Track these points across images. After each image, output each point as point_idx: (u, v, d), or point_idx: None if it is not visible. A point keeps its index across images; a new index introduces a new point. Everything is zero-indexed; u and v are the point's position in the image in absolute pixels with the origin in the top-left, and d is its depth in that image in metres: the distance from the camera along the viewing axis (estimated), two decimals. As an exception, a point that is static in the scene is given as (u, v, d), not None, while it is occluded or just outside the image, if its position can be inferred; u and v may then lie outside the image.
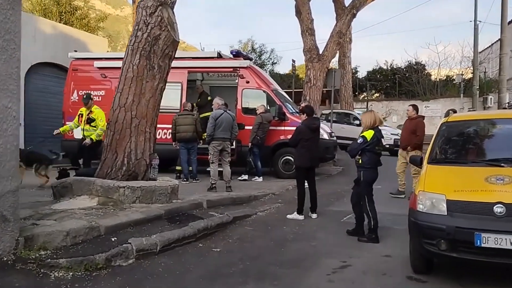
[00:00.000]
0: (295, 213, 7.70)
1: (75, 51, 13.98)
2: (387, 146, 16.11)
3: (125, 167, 6.85)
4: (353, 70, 30.67)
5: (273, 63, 32.36)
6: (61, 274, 4.45)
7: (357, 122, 18.93)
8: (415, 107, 10.02)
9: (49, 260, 4.58)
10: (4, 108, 4.60)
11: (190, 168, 11.15)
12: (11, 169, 4.66)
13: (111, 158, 6.89)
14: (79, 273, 4.51)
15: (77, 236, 5.09)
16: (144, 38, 7.00)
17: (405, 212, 5.26)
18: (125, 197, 6.46)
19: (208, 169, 12.05)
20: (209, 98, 13.43)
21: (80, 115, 9.94)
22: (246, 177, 11.63)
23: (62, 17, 19.79)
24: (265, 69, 31.32)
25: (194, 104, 12.52)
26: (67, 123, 11.77)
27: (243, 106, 12.42)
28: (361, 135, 6.56)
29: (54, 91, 15.14)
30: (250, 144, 11.50)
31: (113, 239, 5.26)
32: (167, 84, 12.73)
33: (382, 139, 6.76)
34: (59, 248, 4.88)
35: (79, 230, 5.12)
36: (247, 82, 12.37)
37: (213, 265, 5.17)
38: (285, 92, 15.99)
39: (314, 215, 7.79)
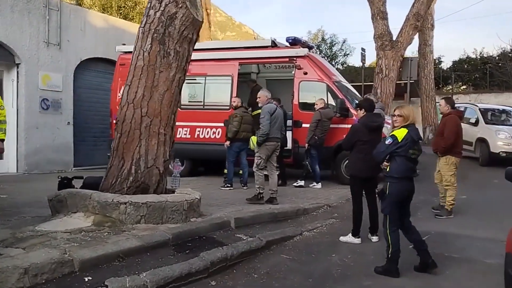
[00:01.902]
0: (350, 234, 6.04)
1: (124, 44, 13.11)
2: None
3: (132, 177, 5.56)
4: (436, 60, 27.72)
5: (345, 55, 30.18)
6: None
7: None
8: (449, 101, 7.79)
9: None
10: None
11: (240, 172, 9.80)
12: None
13: (117, 165, 5.64)
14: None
15: (40, 274, 3.83)
16: (156, 17, 5.66)
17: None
18: (126, 215, 5.16)
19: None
20: (265, 93, 11.99)
21: None
22: (302, 183, 10.04)
23: (121, 11, 19.25)
24: (336, 61, 29.31)
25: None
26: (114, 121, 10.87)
27: (300, 101, 10.82)
28: (390, 134, 4.99)
29: (106, 88, 14.47)
30: (306, 145, 9.89)
31: (86, 279, 3.94)
32: (217, 78, 11.81)
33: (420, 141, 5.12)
34: (13, 291, 3.65)
35: (44, 265, 3.86)
36: (305, 73, 10.74)
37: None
38: (353, 85, 14.18)
39: (374, 238, 6.08)
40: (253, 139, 7.96)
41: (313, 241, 6.08)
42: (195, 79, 11.85)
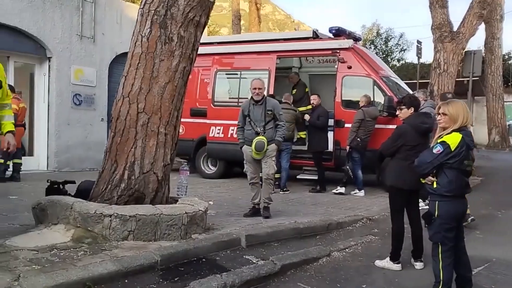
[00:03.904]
0: (388, 259, 4.91)
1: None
2: None
3: (124, 184, 4.73)
4: (505, 56, 25.42)
5: (402, 50, 28.27)
6: None
7: None
8: None
9: None
10: None
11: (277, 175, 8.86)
12: None
13: (109, 169, 4.83)
14: None
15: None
16: (157, -4, 4.81)
17: None
18: (110, 230, 4.33)
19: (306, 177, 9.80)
20: (306, 89, 10.99)
21: None
22: (342, 190, 8.96)
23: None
24: (392, 57, 27.54)
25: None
26: None
27: (343, 98, 9.70)
28: (439, 141, 3.85)
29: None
30: (348, 147, 8.78)
31: (31, 318, 3.14)
32: (252, 72, 10.88)
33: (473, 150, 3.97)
34: None
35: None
36: (349, 67, 9.60)
37: None
38: (409, 83, 12.84)
39: (418, 265, 4.92)
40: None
41: (342, 265, 5.01)
42: (229, 74, 11.04)
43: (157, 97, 4.84)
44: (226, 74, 11.17)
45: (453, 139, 3.77)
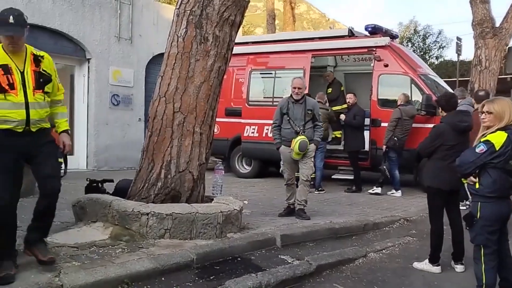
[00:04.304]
0: (427, 261, 4.79)
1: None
2: None
3: (160, 183, 4.79)
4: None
5: (440, 47, 27.47)
6: None
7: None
8: None
9: None
10: None
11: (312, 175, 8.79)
12: None
13: (146, 168, 4.90)
14: None
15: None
16: (193, -3, 4.84)
17: None
18: (148, 228, 4.39)
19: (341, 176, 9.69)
20: (342, 88, 10.86)
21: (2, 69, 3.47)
22: (379, 190, 8.80)
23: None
24: (430, 55, 26.83)
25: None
26: None
27: (379, 96, 9.53)
28: (483, 140, 3.69)
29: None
30: (384, 147, 8.62)
31: (72, 312, 3.22)
32: (287, 71, 10.83)
33: None
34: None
35: (27, 291, 3.19)
36: (386, 65, 9.43)
37: None
38: (448, 81, 12.49)
39: (459, 267, 4.76)
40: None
41: (379, 266, 4.91)
42: (263, 74, 11.03)
43: (192, 96, 4.87)
44: (261, 73, 11.16)
45: (498, 138, 3.63)
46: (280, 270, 4.22)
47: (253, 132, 10.68)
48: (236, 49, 5.87)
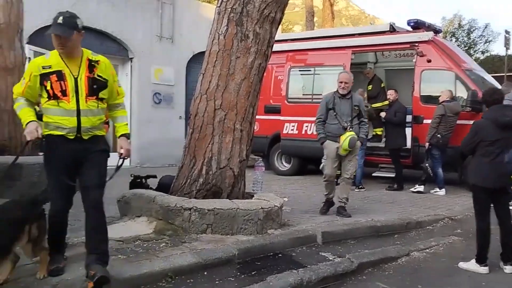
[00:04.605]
0: (474, 260, 4.65)
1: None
2: None
3: (202, 179, 4.87)
4: None
5: (487, 42, 26.51)
6: None
7: None
8: None
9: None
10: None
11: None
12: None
13: (188, 165, 4.99)
14: None
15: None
16: (233, -6, 4.89)
17: None
18: (190, 223, 4.47)
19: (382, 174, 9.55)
20: (382, 84, 10.70)
21: (56, 75, 3.31)
22: (421, 188, 8.62)
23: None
24: (476, 50, 25.97)
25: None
26: None
27: (422, 93, 9.32)
28: None
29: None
30: (427, 144, 8.42)
31: (119, 303, 3.32)
32: (326, 68, 10.75)
33: None
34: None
35: (74, 283, 3.31)
36: (429, 60, 9.20)
37: None
38: (495, 76, 12.06)
39: (508, 268, 4.59)
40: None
41: (423, 266, 4.81)
42: (302, 71, 10.99)
43: (233, 93, 4.92)
44: (300, 70, 11.12)
45: None
46: (322, 267, 4.21)
47: (292, 129, 10.66)
48: (275, 47, 5.87)
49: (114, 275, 3.46)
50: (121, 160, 3.51)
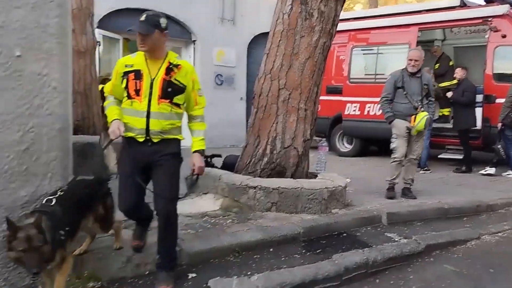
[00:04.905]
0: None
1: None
2: None
3: (266, 158, 4.93)
4: None
5: None
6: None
7: None
8: None
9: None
10: (36, 76, 3.23)
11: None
12: (50, 163, 3.30)
13: (252, 144, 5.07)
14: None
15: (143, 264, 3.48)
16: (298, -27, 4.84)
17: None
18: (255, 201, 4.56)
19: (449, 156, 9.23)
20: (451, 63, 10.27)
21: (134, 74, 3.21)
22: (492, 170, 8.26)
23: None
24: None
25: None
26: None
27: (495, 71, 8.84)
28: None
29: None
30: (500, 124, 8.03)
31: (190, 276, 3.46)
32: (391, 47, 10.42)
33: None
34: (115, 280, 3.35)
35: (148, 256, 3.49)
36: (504, 36, 8.69)
37: None
38: None
39: None
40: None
41: (494, 250, 4.64)
42: (365, 50, 10.73)
43: (297, 73, 4.91)
44: (362, 50, 10.87)
45: None
46: (387, 248, 4.17)
47: (354, 110, 10.50)
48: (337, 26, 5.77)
49: (185, 249, 3.62)
50: (194, 177, 3.39)
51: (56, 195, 2.88)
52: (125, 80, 3.15)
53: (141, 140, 3.16)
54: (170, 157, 3.21)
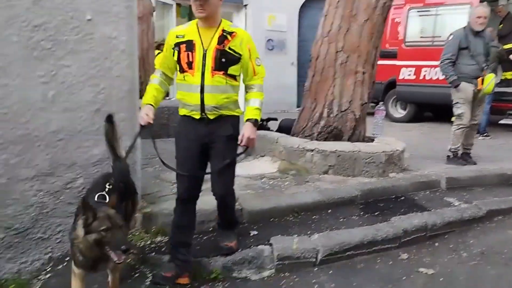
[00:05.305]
0: None
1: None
2: None
3: (323, 122, 4.94)
4: None
5: None
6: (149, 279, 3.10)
7: None
8: None
9: (153, 254, 3.30)
10: (105, 39, 3.36)
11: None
12: (120, 124, 3.43)
13: (309, 107, 5.08)
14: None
15: (207, 221, 3.63)
16: None
17: None
18: (312, 164, 4.61)
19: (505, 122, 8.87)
20: (516, 23, 9.72)
21: (186, 45, 2.96)
22: None
23: None
24: None
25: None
26: None
27: None
28: None
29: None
30: None
31: (252, 233, 3.59)
32: (451, 7, 9.95)
33: None
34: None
35: (211, 213, 3.63)
36: None
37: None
38: None
39: None
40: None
41: (562, 218, 4.52)
42: (422, 12, 10.32)
43: (355, 36, 4.84)
44: (419, 11, 10.45)
45: None
46: (447, 212, 4.15)
47: (409, 75, 10.20)
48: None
49: (246, 208, 3.74)
50: (242, 148, 3.00)
51: (106, 190, 2.65)
52: (176, 52, 2.90)
53: (196, 117, 2.91)
54: (226, 139, 2.96)
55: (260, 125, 5.68)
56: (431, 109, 10.80)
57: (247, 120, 2.98)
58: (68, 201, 3.26)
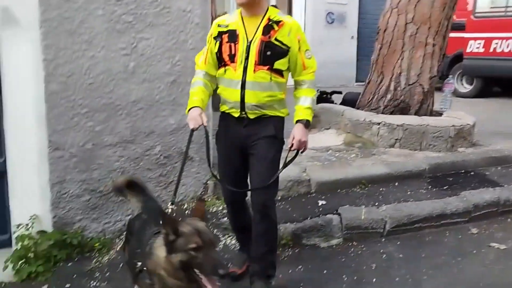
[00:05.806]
0: None
1: None
2: None
3: (390, 95, 4.88)
4: None
5: None
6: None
7: None
8: None
9: (225, 219, 3.46)
10: (181, 13, 3.49)
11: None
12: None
13: (375, 81, 5.02)
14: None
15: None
16: None
17: None
18: (379, 137, 4.59)
19: None
20: None
21: (228, 35, 2.61)
22: None
23: None
24: None
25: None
26: None
27: None
28: None
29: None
30: None
31: (320, 203, 3.66)
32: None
33: None
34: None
35: (280, 182, 3.73)
36: None
37: (474, 274, 2.97)
38: None
39: None
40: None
41: None
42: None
43: (427, 6, 4.70)
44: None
45: None
46: (520, 190, 4.03)
47: (478, 48, 9.76)
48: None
49: (313, 178, 3.81)
50: (292, 152, 2.66)
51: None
52: (217, 43, 2.58)
53: (235, 115, 2.60)
54: (266, 141, 2.59)
55: (325, 98, 5.69)
56: (500, 84, 10.32)
57: (298, 121, 2.61)
58: (147, 167, 3.46)
